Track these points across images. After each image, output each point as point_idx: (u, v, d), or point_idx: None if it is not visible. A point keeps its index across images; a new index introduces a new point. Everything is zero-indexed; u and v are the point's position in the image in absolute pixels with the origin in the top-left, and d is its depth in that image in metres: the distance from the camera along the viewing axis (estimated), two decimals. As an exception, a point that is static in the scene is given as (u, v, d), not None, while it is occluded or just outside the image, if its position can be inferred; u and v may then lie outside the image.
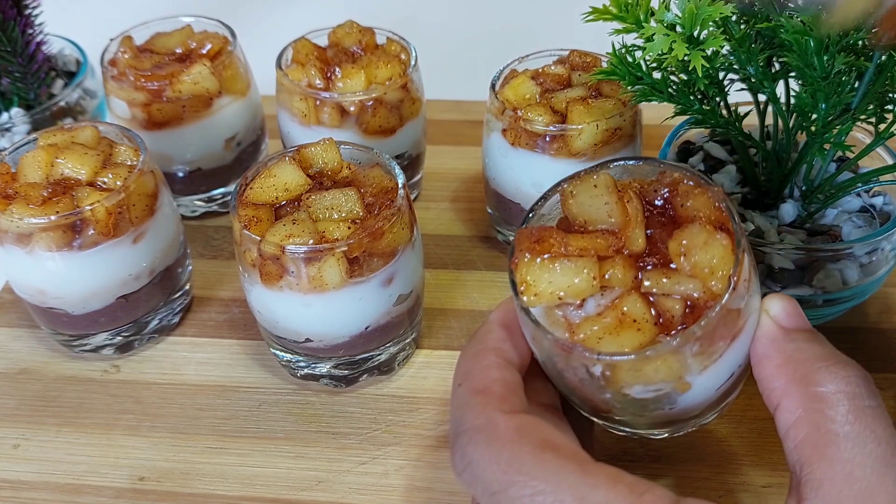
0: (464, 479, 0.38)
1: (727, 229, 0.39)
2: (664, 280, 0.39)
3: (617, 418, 0.44)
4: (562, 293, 0.39)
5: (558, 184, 0.44)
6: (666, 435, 0.48)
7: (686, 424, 0.46)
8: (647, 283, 0.39)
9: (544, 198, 0.44)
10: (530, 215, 0.44)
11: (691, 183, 0.42)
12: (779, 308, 0.41)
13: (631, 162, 0.44)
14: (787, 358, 0.39)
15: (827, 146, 0.52)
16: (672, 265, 0.40)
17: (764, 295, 0.42)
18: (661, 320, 0.39)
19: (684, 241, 0.39)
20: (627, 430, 0.47)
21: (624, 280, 0.40)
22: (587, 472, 0.35)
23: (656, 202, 0.42)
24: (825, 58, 0.47)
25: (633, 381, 0.39)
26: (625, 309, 0.39)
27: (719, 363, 0.40)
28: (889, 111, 0.52)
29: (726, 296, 0.38)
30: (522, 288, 0.40)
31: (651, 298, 0.39)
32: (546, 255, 0.40)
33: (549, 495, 0.34)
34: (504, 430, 0.37)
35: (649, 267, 0.40)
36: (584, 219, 0.42)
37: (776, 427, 0.39)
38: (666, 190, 0.42)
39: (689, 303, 0.39)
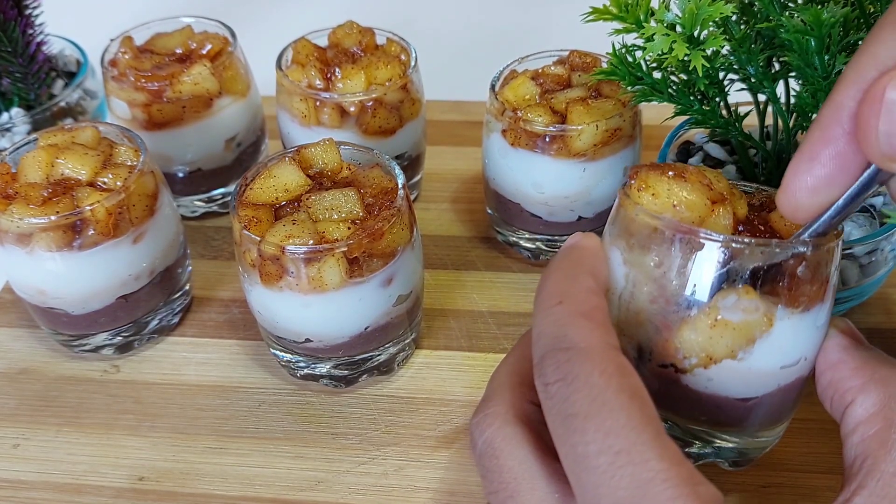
0: (550, 391, 0.37)
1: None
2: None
3: (677, 365, 0.45)
4: (677, 203, 0.42)
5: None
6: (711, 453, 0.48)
7: (737, 431, 0.47)
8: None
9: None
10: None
11: None
12: (845, 325, 0.44)
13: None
14: (864, 362, 0.41)
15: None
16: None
17: None
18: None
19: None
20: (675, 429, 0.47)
21: (728, 225, 0.42)
22: (660, 438, 0.35)
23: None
24: (826, 58, 0.47)
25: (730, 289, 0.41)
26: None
27: (798, 325, 0.42)
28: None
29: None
30: (642, 186, 0.43)
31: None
32: (669, 173, 0.43)
33: (620, 441, 0.34)
34: (610, 364, 0.36)
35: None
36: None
37: (841, 426, 0.40)
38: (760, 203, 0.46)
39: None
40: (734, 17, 0.52)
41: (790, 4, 0.51)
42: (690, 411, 0.46)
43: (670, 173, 0.43)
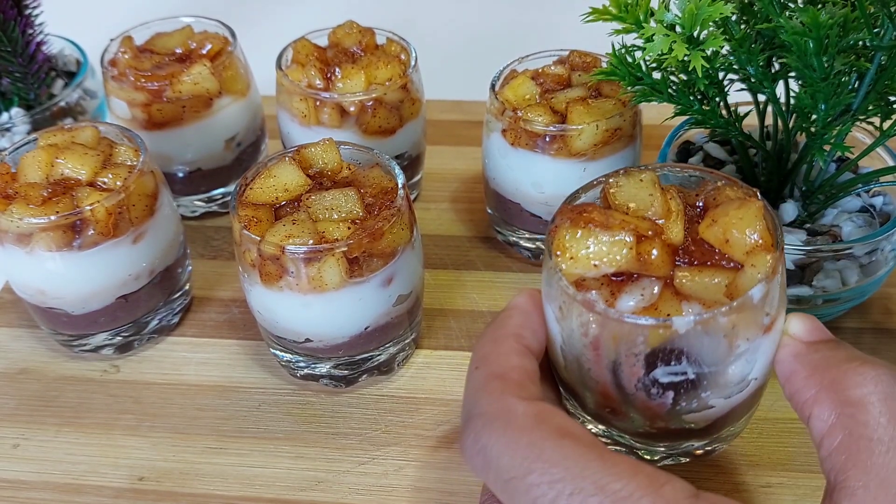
0: (474, 464, 0.37)
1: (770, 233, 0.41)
2: (697, 274, 0.39)
3: (624, 419, 0.44)
4: (597, 262, 0.40)
5: (598, 178, 0.45)
6: (662, 454, 0.48)
7: (693, 442, 0.46)
8: (681, 276, 0.40)
9: (584, 188, 0.45)
10: (573, 196, 0.45)
11: (729, 185, 0.43)
12: (798, 326, 0.42)
13: (676, 169, 0.46)
14: (813, 368, 0.39)
15: (827, 147, 0.52)
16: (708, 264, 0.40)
17: None
18: None
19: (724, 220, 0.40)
20: (627, 439, 0.47)
21: (662, 263, 0.40)
22: (607, 460, 0.34)
23: (697, 205, 0.43)
24: (824, 59, 0.47)
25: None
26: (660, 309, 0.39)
27: (737, 364, 0.40)
28: (893, 111, 0.52)
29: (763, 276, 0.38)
30: (559, 253, 0.40)
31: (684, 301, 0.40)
32: (588, 225, 0.41)
33: (569, 483, 0.34)
34: (523, 417, 0.36)
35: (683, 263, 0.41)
36: (628, 206, 0.43)
37: (810, 437, 0.39)
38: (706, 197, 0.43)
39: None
40: (734, 18, 0.52)
41: (790, 5, 0.51)
42: (641, 436, 0.46)
43: (589, 226, 0.40)
